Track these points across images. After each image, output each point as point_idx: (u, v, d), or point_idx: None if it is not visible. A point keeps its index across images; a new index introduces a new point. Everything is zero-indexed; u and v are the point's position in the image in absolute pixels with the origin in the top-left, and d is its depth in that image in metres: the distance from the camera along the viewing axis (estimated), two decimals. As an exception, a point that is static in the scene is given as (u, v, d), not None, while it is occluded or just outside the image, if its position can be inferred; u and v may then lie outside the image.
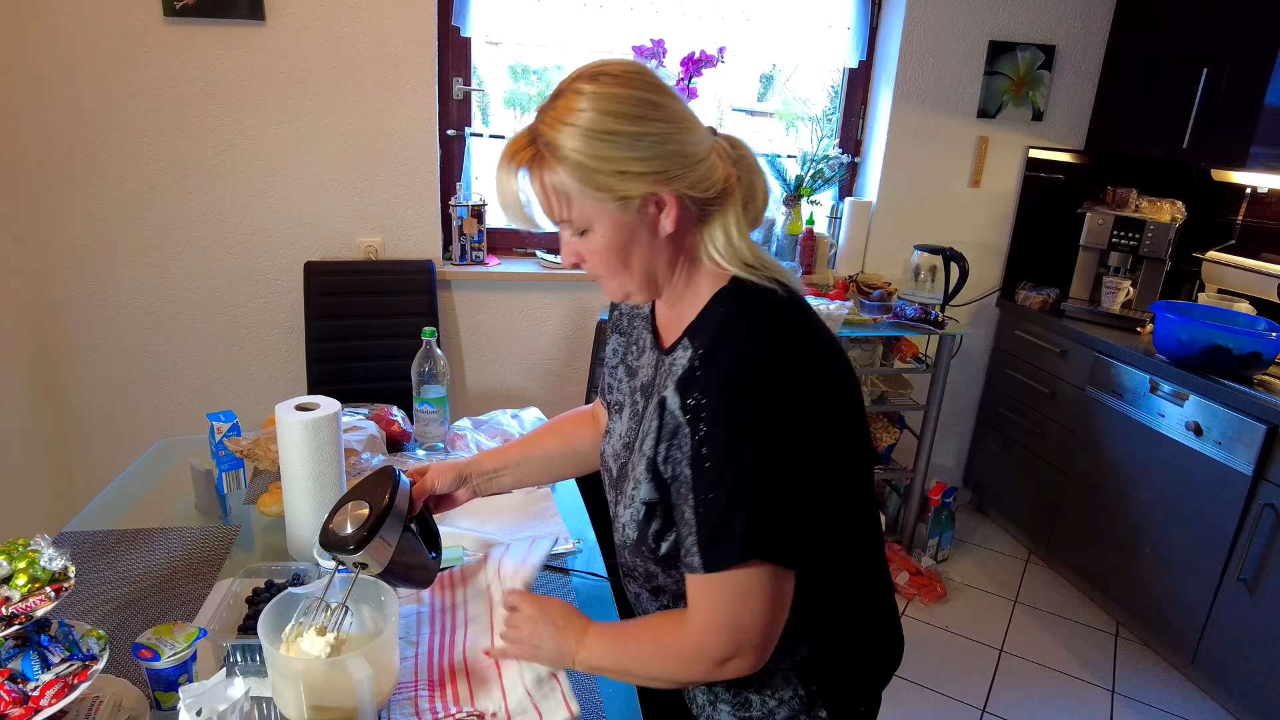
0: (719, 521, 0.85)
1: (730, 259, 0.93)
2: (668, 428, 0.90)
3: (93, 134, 2.38)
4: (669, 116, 0.87)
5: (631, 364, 1.08)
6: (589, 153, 0.83)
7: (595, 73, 0.86)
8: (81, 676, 0.91)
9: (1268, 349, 2.29)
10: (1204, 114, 2.65)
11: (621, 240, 0.89)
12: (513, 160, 0.88)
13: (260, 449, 1.55)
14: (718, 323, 0.91)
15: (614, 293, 0.97)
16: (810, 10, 2.90)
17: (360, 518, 1.03)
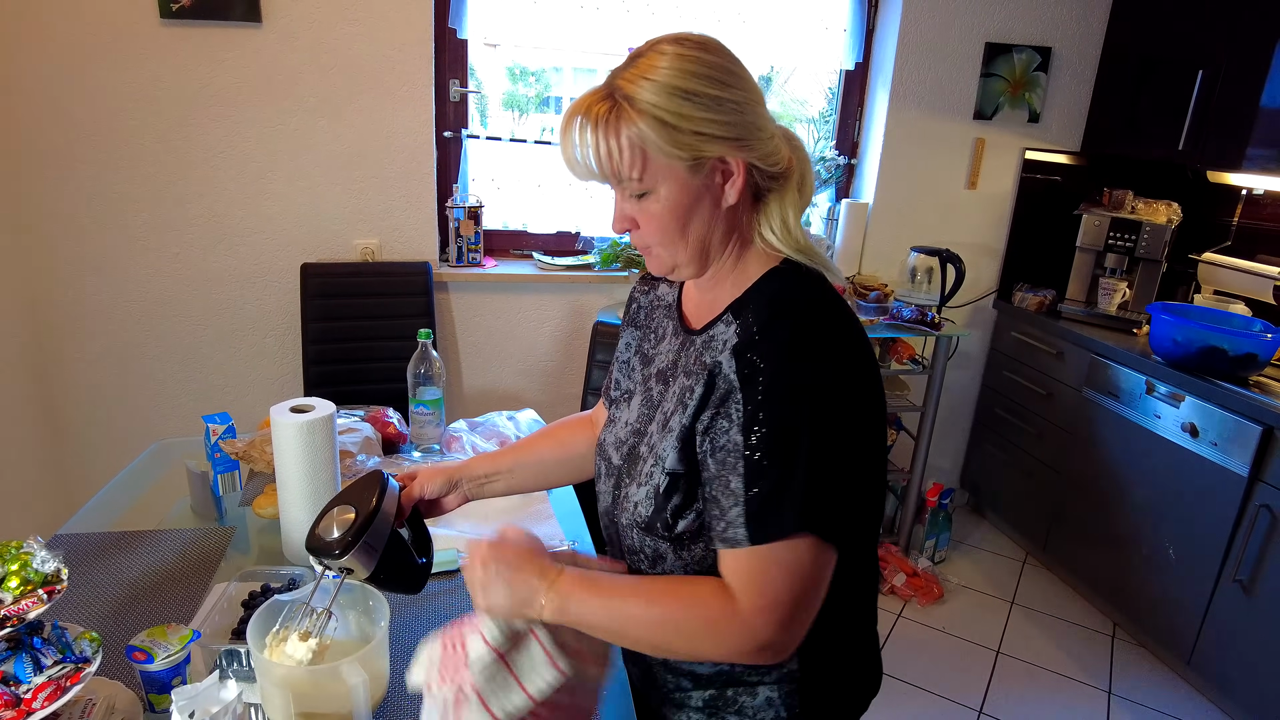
0: (772, 491, 0.83)
1: (785, 241, 0.93)
2: (718, 393, 0.87)
3: (89, 135, 2.37)
4: (746, 87, 0.88)
5: (648, 352, 1.07)
6: (671, 109, 0.83)
7: (679, 38, 0.87)
8: (74, 679, 0.91)
9: (1263, 350, 2.29)
10: (1199, 116, 2.66)
11: (685, 205, 0.89)
12: (586, 114, 0.86)
13: (255, 451, 1.55)
14: (773, 297, 0.91)
15: (661, 263, 0.95)
16: (807, 12, 2.90)
17: (346, 522, 1.02)
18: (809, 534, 0.83)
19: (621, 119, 0.84)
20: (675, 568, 0.96)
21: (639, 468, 0.98)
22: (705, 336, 0.94)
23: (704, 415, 0.89)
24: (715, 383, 0.88)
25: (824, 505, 0.83)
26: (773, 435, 0.83)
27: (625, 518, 0.98)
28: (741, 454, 0.84)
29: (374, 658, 0.99)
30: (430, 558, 1.16)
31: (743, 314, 0.91)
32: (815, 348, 0.85)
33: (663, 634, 0.89)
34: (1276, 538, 2.16)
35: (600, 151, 0.86)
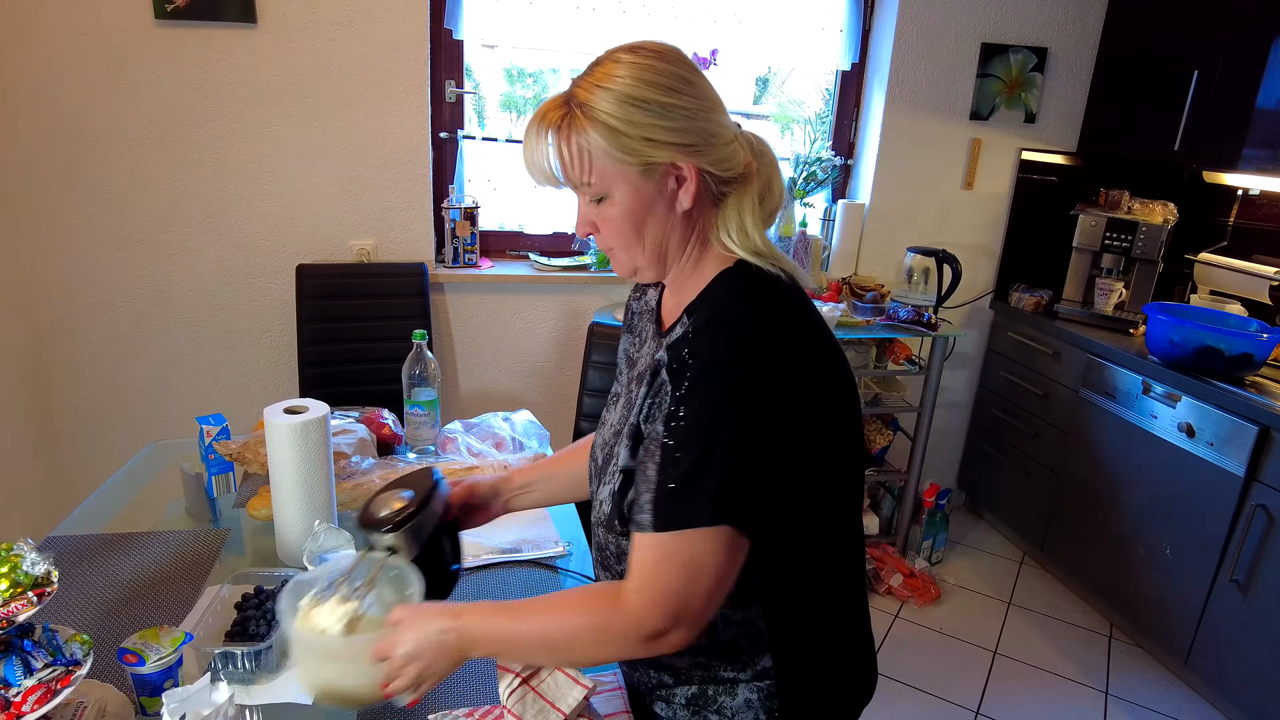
0: (683, 479, 0.84)
1: (741, 244, 0.94)
2: (655, 386, 0.90)
3: (84, 136, 2.37)
4: (699, 94, 0.90)
5: (633, 355, 1.10)
6: (620, 116, 0.86)
7: (634, 47, 0.90)
8: (64, 682, 0.90)
9: (1259, 350, 2.29)
10: (1195, 116, 2.66)
11: (639, 209, 0.91)
12: (543, 121, 0.90)
13: (250, 452, 1.55)
14: (717, 295, 0.93)
15: (623, 266, 0.98)
16: (803, 13, 2.90)
17: (400, 503, 1.06)
18: (721, 525, 0.83)
19: (573, 126, 0.88)
20: None
21: (609, 468, 1.00)
22: (668, 338, 0.95)
23: (644, 406, 0.92)
24: (656, 377, 0.90)
25: (740, 496, 0.83)
26: (689, 426, 0.84)
27: (594, 516, 1.01)
28: (660, 442, 0.86)
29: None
30: (460, 567, 1.19)
31: (695, 314, 0.93)
32: (744, 343, 0.86)
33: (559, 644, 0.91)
34: (1273, 537, 2.16)
35: (554, 157, 0.90)
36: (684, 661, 1.01)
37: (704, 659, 1.00)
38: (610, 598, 0.88)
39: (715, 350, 0.86)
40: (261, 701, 1.06)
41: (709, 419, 0.84)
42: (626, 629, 0.86)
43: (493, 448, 1.74)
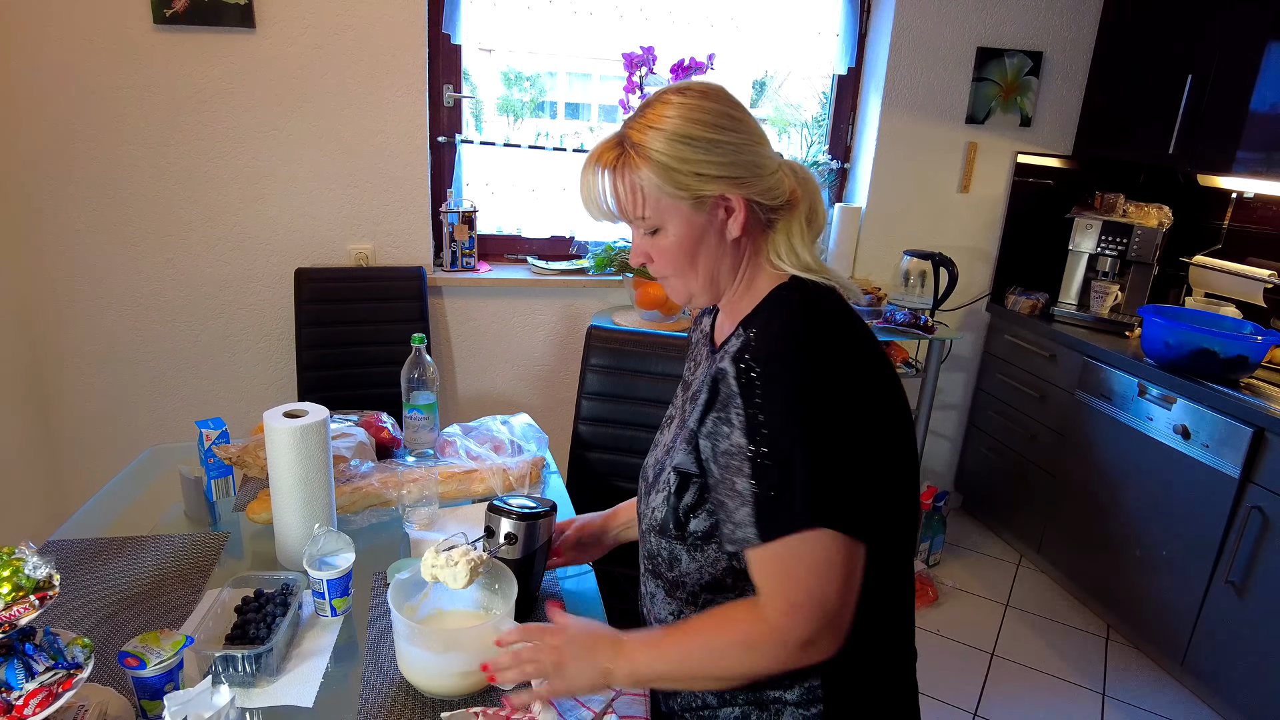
0: (778, 487, 0.87)
1: (792, 263, 1.00)
2: (720, 398, 0.92)
3: (83, 141, 2.37)
4: (745, 130, 0.96)
5: (688, 378, 1.15)
6: (672, 154, 0.92)
7: (682, 88, 0.96)
8: (66, 685, 0.91)
9: (1254, 352, 2.30)
10: (1189, 120, 2.68)
11: (691, 240, 0.97)
12: (599, 161, 0.97)
13: (249, 456, 1.55)
14: (776, 306, 0.99)
15: (678, 292, 1.03)
16: (799, 17, 2.91)
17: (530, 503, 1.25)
18: (822, 526, 0.86)
19: (628, 165, 0.94)
20: (689, 570, 1.00)
21: (661, 478, 1.04)
22: (721, 351, 1.01)
23: (708, 419, 0.94)
24: (718, 388, 0.93)
25: (832, 497, 0.87)
26: (774, 434, 0.87)
27: (645, 524, 1.04)
28: (745, 455, 0.88)
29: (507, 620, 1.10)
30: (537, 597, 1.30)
31: (750, 326, 0.98)
32: (808, 350, 0.90)
33: (711, 666, 0.93)
34: (1268, 539, 2.17)
35: (610, 194, 0.97)
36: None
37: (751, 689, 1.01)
38: (750, 612, 0.91)
39: (786, 359, 0.89)
40: (262, 704, 1.07)
41: (792, 424, 0.87)
42: (773, 640, 0.89)
43: (491, 451, 1.75)
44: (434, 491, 1.54)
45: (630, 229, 1.01)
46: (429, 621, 1.19)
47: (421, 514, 1.51)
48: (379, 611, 1.28)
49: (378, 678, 1.14)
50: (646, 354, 2.06)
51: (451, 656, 1.08)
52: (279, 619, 1.16)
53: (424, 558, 1.14)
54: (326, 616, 1.25)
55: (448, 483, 1.59)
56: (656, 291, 2.61)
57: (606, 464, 2.03)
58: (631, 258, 1.03)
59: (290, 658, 1.17)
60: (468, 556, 1.12)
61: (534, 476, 1.67)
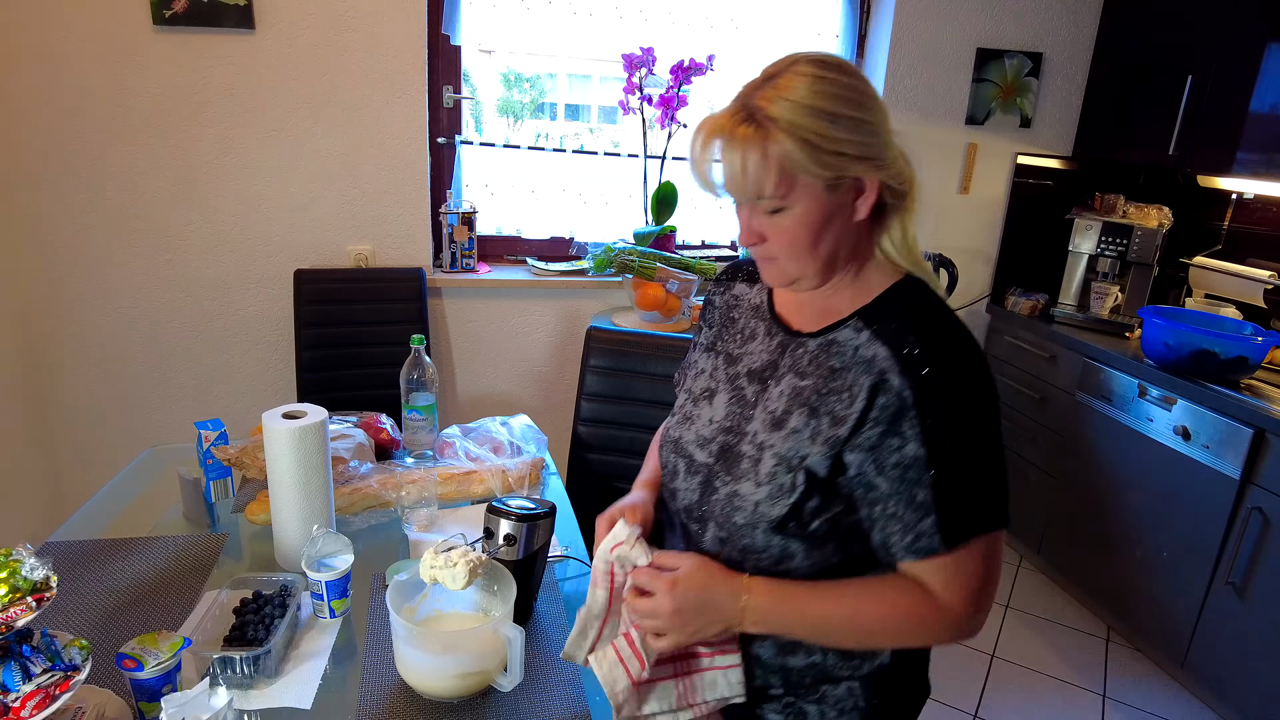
0: (963, 498, 0.89)
1: (905, 255, 0.98)
2: (885, 410, 0.89)
3: (82, 142, 2.37)
4: (879, 109, 0.91)
5: (733, 352, 1.09)
6: (815, 129, 0.86)
7: (815, 59, 0.90)
8: (63, 687, 0.90)
9: (1254, 353, 2.30)
10: (1189, 121, 2.68)
11: (819, 221, 0.91)
12: (731, 135, 0.88)
13: (248, 457, 1.55)
14: (920, 313, 0.95)
15: (784, 274, 0.97)
16: (799, 18, 2.91)
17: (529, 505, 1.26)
18: (999, 529, 0.91)
19: (767, 139, 0.87)
20: (801, 565, 0.97)
21: (743, 466, 0.98)
22: (824, 340, 0.97)
23: (866, 431, 0.90)
24: (877, 398, 0.90)
25: (1002, 501, 0.92)
26: (957, 445, 0.88)
27: (741, 517, 0.97)
28: (926, 467, 0.88)
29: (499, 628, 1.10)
30: (533, 606, 1.31)
31: (879, 322, 0.94)
32: (973, 362, 0.91)
33: (871, 636, 0.97)
34: (1268, 540, 2.17)
35: (741, 170, 0.88)
36: (799, 661, 1.02)
37: (820, 659, 1.02)
38: (924, 595, 0.92)
39: (962, 370, 0.90)
40: (260, 706, 1.07)
41: (973, 435, 0.89)
42: (953, 626, 0.93)
43: (490, 452, 1.75)
44: (433, 493, 1.53)
45: (740, 206, 0.96)
46: (428, 623, 1.19)
47: (420, 515, 1.50)
48: (378, 613, 1.28)
49: (376, 679, 1.14)
50: (646, 355, 2.05)
51: (450, 658, 1.07)
52: (277, 621, 1.15)
53: (423, 559, 1.14)
54: (325, 618, 1.25)
55: (447, 484, 1.59)
56: (656, 293, 2.61)
57: (606, 465, 2.03)
58: (741, 237, 0.97)
59: (289, 659, 1.16)
60: (467, 558, 1.12)
61: (533, 478, 1.67)
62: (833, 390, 0.93)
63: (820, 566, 0.97)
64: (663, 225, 2.88)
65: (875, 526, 0.93)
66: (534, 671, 1.17)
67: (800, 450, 0.94)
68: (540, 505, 1.27)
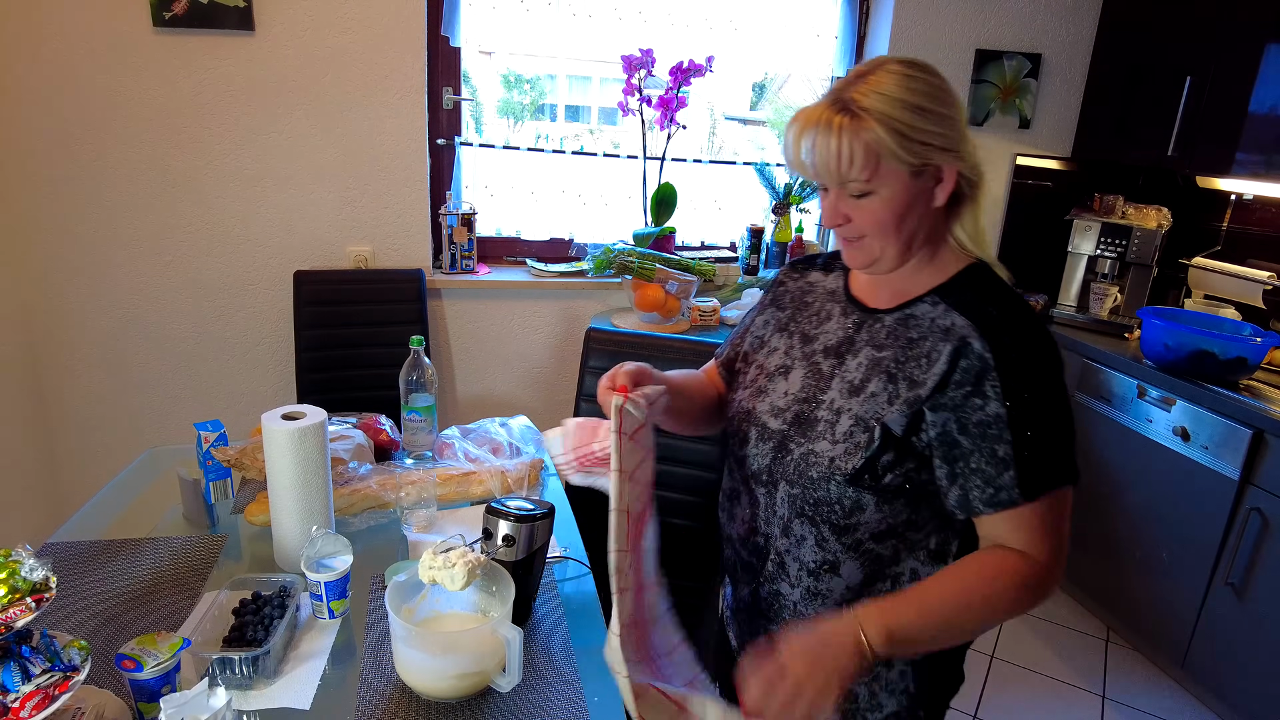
0: (1042, 452, 0.95)
1: (976, 242, 1.07)
2: (969, 372, 0.97)
3: (82, 143, 2.37)
4: (959, 105, 1.01)
5: (809, 332, 1.16)
6: (904, 120, 0.96)
7: (903, 60, 1.00)
8: (63, 688, 0.91)
9: (1252, 354, 2.30)
10: (1188, 121, 2.68)
11: (904, 204, 1.00)
12: (827, 124, 0.97)
13: (247, 458, 1.55)
14: (982, 283, 1.05)
15: (866, 254, 1.05)
16: (798, 19, 2.92)
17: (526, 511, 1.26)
18: (1071, 482, 0.98)
19: (861, 127, 0.96)
20: (871, 519, 1.03)
21: (819, 428, 1.05)
22: (901, 314, 1.06)
23: (950, 392, 0.98)
24: (960, 361, 0.98)
25: (1073, 457, 0.98)
26: (1034, 404, 0.95)
27: (816, 472, 1.03)
28: (1007, 423, 0.95)
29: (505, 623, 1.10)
30: (532, 606, 1.31)
31: (955, 296, 1.03)
32: (1043, 332, 1.00)
33: (993, 617, 1.00)
34: (1267, 541, 2.17)
35: (835, 154, 0.97)
36: None
37: None
38: (1018, 559, 0.98)
39: (1036, 336, 0.98)
40: (259, 707, 1.07)
41: (1049, 394, 0.97)
42: (1048, 579, 0.99)
43: (489, 453, 1.75)
44: (432, 494, 1.54)
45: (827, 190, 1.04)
46: (427, 624, 1.19)
47: (420, 516, 1.51)
48: (377, 613, 1.28)
49: (375, 680, 1.14)
50: (645, 356, 2.05)
51: (449, 659, 1.07)
52: (276, 621, 1.15)
53: (422, 559, 1.14)
54: (324, 619, 1.25)
55: (446, 485, 1.59)
56: (655, 294, 2.61)
57: (605, 466, 2.03)
58: (826, 218, 1.06)
59: (288, 660, 1.16)
60: (465, 558, 1.12)
61: (532, 479, 1.67)
62: (911, 358, 1.02)
63: (890, 522, 1.03)
64: (662, 226, 2.88)
65: (955, 482, 0.99)
66: (533, 672, 1.17)
67: (877, 410, 1.01)
68: (539, 506, 1.27)
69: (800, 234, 3.02)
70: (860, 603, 0.97)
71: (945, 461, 0.99)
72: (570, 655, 1.22)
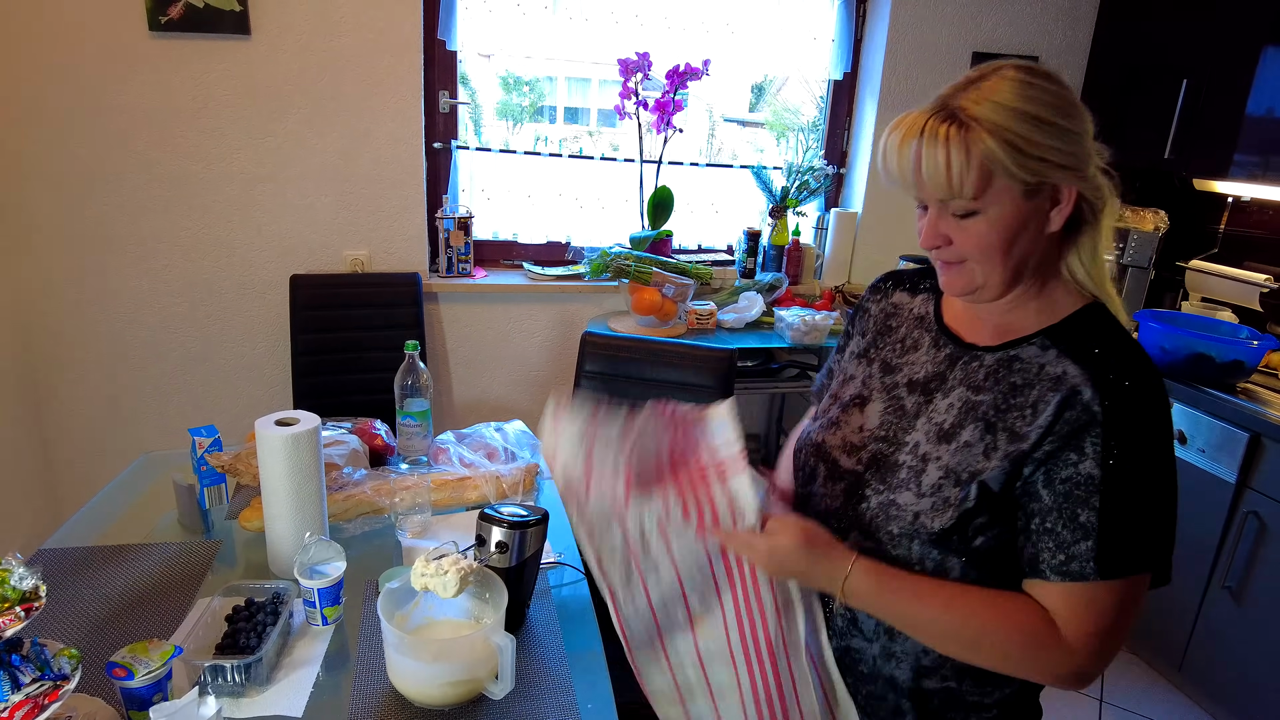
0: (1128, 529, 0.86)
1: (1093, 275, 0.95)
2: (1070, 424, 0.87)
3: (78, 148, 2.37)
4: (1084, 118, 0.91)
5: (891, 361, 1.07)
6: (1021, 133, 0.85)
7: (1022, 65, 0.89)
8: (53, 697, 0.90)
9: (1250, 357, 2.30)
10: (1185, 124, 2.68)
11: (1014, 226, 0.89)
12: (932, 133, 0.87)
13: (242, 464, 1.55)
14: (1099, 328, 0.93)
15: (969, 280, 0.94)
16: (795, 22, 2.92)
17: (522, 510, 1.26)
18: (1149, 572, 0.88)
19: (970, 138, 0.86)
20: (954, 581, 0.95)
21: (901, 476, 0.97)
22: (1004, 355, 0.96)
23: (1047, 443, 0.88)
24: (1065, 412, 0.87)
25: (1166, 546, 0.89)
26: (1136, 474, 0.86)
27: (897, 527, 0.95)
28: (1097, 488, 0.86)
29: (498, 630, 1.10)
30: (526, 613, 1.31)
31: (1068, 342, 0.92)
32: (1161, 399, 0.89)
33: (972, 648, 0.92)
34: (1264, 544, 2.17)
35: (941, 168, 0.87)
36: (933, 684, 1.00)
37: (955, 682, 0.99)
38: (1048, 624, 0.89)
39: (1152, 398, 0.88)
40: (250, 715, 1.07)
41: (1151, 469, 0.87)
42: (1066, 662, 0.88)
43: (485, 458, 1.75)
44: (427, 499, 1.53)
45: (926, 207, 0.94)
46: (420, 630, 1.19)
47: (414, 522, 1.51)
48: (371, 620, 1.28)
49: (368, 687, 1.14)
50: (641, 360, 2.06)
51: (441, 666, 1.07)
52: (269, 628, 1.15)
53: (414, 567, 1.14)
54: (318, 625, 1.25)
55: (441, 490, 1.59)
56: (652, 297, 2.61)
57: (601, 470, 2.02)
58: (925, 239, 0.94)
59: (281, 667, 1.16)
60: (457, 565, 1.12)
61: (528, 484, 1.67)
62: (1013, 407, 0.91)
63: (973, 583, 0.94)
64: (659, 229, 2.88)
65: (1029, 539, 0.90)
66: (526, 679, 1.17)
67: (971, 464, 0.92)
68: (533, 512, 1.27)
69: (797, 237, 3.02)
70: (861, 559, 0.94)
71: (1023, 515, 0.91)
72: (564, 662, 1.21)
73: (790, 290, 2.99)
